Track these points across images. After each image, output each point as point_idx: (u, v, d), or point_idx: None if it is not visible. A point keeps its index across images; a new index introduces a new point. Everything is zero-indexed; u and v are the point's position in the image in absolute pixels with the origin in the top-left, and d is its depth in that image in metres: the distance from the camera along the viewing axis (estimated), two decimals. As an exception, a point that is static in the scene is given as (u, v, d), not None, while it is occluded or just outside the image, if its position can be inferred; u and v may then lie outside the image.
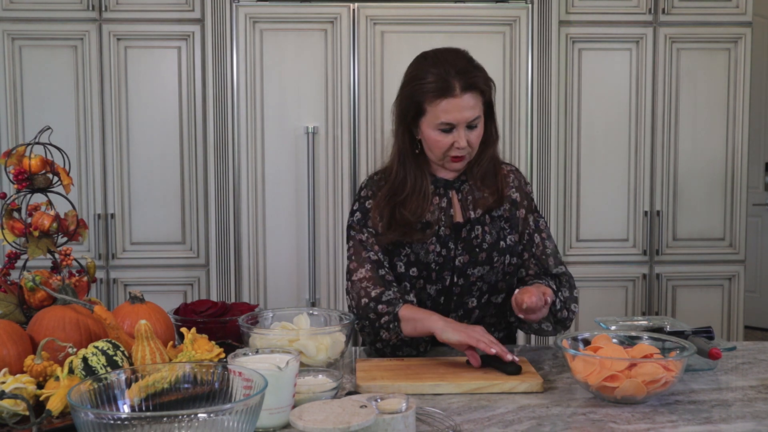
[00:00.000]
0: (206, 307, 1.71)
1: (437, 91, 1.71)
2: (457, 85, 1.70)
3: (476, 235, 1.80)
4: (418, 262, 1.80)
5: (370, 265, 1.78)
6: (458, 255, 1.79)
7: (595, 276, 3.42)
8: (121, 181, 3.33)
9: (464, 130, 1.73)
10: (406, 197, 1.79)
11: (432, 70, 1.73)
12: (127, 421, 1.00)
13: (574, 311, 1.80)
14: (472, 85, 1.71)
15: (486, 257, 1.80)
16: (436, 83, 1.71)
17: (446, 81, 1.70)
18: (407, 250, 1.80)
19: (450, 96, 1.70)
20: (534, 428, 1.27)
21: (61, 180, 1.60)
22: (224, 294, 3.19)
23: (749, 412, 1.35)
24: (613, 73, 3.38)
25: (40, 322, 1.41)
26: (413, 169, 1.81)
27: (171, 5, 3.28)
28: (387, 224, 1.80)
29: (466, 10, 3.17)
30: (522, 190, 1.88)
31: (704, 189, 3.44)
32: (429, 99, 1.72)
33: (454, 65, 1.72)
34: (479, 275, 1.80)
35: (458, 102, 1.70)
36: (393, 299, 1.72)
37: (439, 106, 1.71)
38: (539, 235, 1.85)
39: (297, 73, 3.16)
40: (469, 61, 1.76)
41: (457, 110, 1.71)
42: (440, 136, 1.74)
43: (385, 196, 1.82)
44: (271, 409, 1.23)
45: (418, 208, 1.79)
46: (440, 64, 1.73)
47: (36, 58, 3.28)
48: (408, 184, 1.80)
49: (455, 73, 1.71)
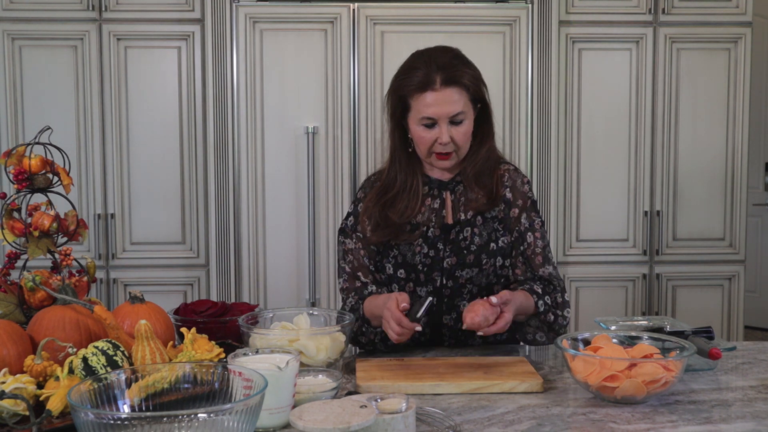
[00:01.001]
0: (206, 307, 1.71)
1: (418, 84, 1.71)
2: (437, 78, 1.70)
3: (465, 237, 1.79)
4: (405, 264, 1.80)
5: (347, 275, 1.83)
6: (446, 257, 1.79)
7: (595, 276, 3.42)
8: (121, 181, 3.34)
9: (447, 126, 1.72)
10: (395, 195, 1.80)
11: (416, 65, 1.74)
12: (127, 421, 1.00)
13: (566, 317, 1.76)
14: (452, 79, 1.70)
15: (474, 259, 1.78)
16: (418, 77, 1.71)
17: (427, 75, 1.70)
18: (395, 252, 1.80)
19: (430, 89, 1.70)
20: (534, 428, 1.27)
21: (61, 180, 1.60)
22: (224, 294, 3.19)
23: (749, 412, 1.35)
24: (613, 73, 3.38)
25: (40, 322, 1.41)
26: (404, 168, 1.81)
27: (171, 5, 3.28)
28: (374, 225, 1.81)
29: (466, 10, 3.17)
30: (516, 189, 1.83)
31: (704, 189, 3.44)
32: (412, 93, 1.73)
33: (438, 60, 1.72)
34: (468, 277, 1.79)
35: (438, 96, 1.70)
36: (355, 305, 1.78)
37: (420, 100, 1.71)
38: (532, 234, 1.81)
39: (297, 73, 3.16)
40: (455, 57, 1.75)
41: (437, 104, 1.70)
42: (424, 131, 1.74)
43: (375, 194, 1.82)
44: (271, 409, 1.23)
45: (407, 208, 1.78)
46: (425, 59, 1.73)
47: (36, 58, 3.28)
48: (398, 182, 1.80)
49: (437, 68, 1.71)
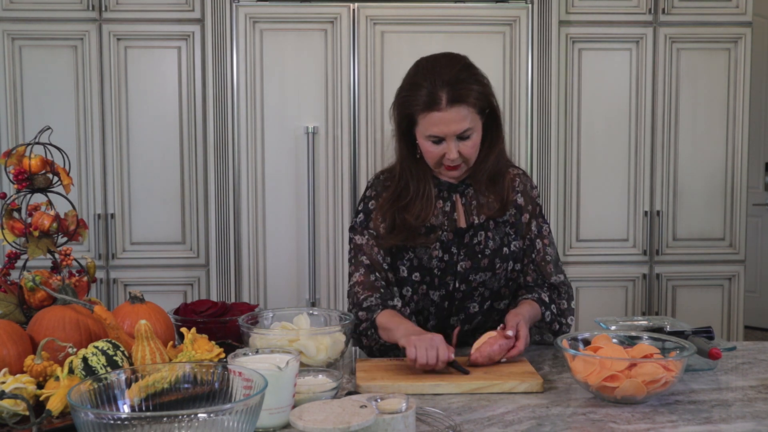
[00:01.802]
0: (206, 307, 1.71)
1: (424, 104, 1.67)
2: (443, 98, 1.65)
3: (479, 241, 1.78)
4: (420, 267, 1.79)
5: (364, 269, 1.78)
6: (460, 260, 1.78)
7: (595, 276, 3.42)
8: (121, 181, 3.34)
9: (455, 142, 1.69)
10: (410, 201, 1.77)
11: (421, 81, 1.69)
12: (127, 421, 1.00)
13: (569, 324, 1.79)
14: (458, 98, 1.66)
15: (488, 263, 1.78)
16: (423, 96, 1.67)
17: (433, 94, 1.66)
18: (410, 254, 1.79)
19: (436, 110, 1.66)
20: (534, 428, 1.27)
21: (61, 180, 1.60)
22: (224, 294, 3.19)
23: (749, 412, 1.35)
24: (613, 73, 3.38)
25: (40, 322, 1.41)
26: (416, 174, 1.79)
27: (171, 5, 3.28)
28: (390, 227, 1.78)
29: (466, 10, 3.17)
30: (527, 194, 1.84)
31: (704, 189, 3.44)
32: (418, 111, 1.69)
33: (444, 76, 1.67)
34: (481, 281, 1.79)
35: (444, 116, 1.66)
36: (373, 305, 1.72)
37: (426, 119, 1.68)
38: (541, 241, 1.83)
39: (297, 73, 3.16)
40: (462, 70, 1.69)
41: (443, 123, 1.67)
42: (431, 146, 1.71)
43: (388, 199, 1.80)
44: (271, 409, 1.23)
45: (421, 211, 1.77)
46: (430, 74, 1.68)
47: (36, 58, 3.28)
48: (411, 189, 1.78)
49: (442, 85, 1.66)
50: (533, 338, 1.77)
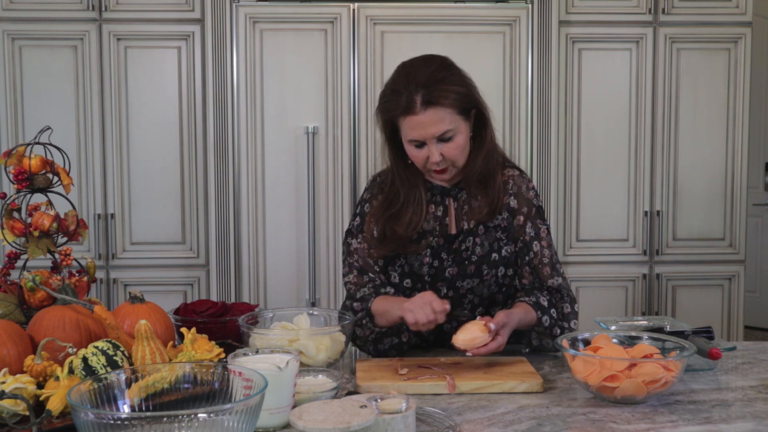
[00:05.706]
0: (206, 307, 1.71)
1: (401, 109, 1.66)
2: (417, 101, 1.64)
3: (466, 247, 1.77)
4: (411, 273, 1.79)
5: (357, 271, 1.80)
6: (448, 266, 1.77)
7: (595, 276, 3.42)
8: (121, 181, 3.34)
9: (436, 144, 1.67)
10: (401, 208, 1.77)
11: (397, 86, 1.68)
12: (127, 421, 1.00)
13: (573, 328, 1.75)
14: (433, 100, 1.64)
15: (475, 270, 1.76)
16: (401, 101, 1.66)
17: (408, 98, 1.65)
18: (402, 261, 1.79)
19: (412, 113, 1.65)
20: (534, 428, 1.27)
21: (61, 180, 1.60)
22: (224, 294, 3.19)
23: (749, 412, 1.35)
24: (613, 74, 3.39)
25: (40, 322, 1.41)
26: (405, 180, 1.78)
27: (171, 5, 3.28)
28: (380, 238, 1.78)
29: (466, 10, 3.17)
30: (522, 196, 1.80)
31: (704, 189, 3.44)
32: (397, 116, 1.68)
33: (419, 79, 1.65)
34: (469, 287, 1.77)
35: (421, 119, 1.65)
36: (366, 295, 1.74)
37: (405, 124, 1.67)
38: (538, 243, 1.78)
39: (297, 73, 3.16)
40: (438, 71, 1.67)
41: (420, 127, 1.65)
42: (415, 151, 1.70)
43: (379, 207, 1.80)
44: (271, 409, 1.23)
45: (411, 220, 1.76)
46: (406, 78, 1.67)
47: (36, 58, 3.28)
48: (401, 196, 1.78)
49: (416, 88, 1.64)
50: (532, 343, 1.75)
